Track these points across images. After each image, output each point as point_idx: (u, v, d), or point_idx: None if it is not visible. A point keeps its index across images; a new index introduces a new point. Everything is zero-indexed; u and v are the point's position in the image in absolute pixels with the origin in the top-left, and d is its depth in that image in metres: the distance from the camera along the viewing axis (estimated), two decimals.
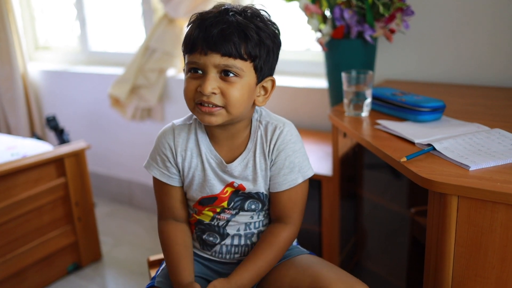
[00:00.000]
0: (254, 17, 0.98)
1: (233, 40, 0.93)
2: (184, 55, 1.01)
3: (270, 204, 1.10)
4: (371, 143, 1.20)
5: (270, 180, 1.07)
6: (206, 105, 0.97)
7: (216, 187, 1.07)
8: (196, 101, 0.98)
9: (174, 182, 1.10)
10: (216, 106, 0.97)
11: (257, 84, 1.01)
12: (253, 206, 1.09)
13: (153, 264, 1.33)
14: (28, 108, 3.24)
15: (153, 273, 1.27)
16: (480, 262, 0.96)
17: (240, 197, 1.08)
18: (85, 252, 2.25)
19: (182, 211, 1.13)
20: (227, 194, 1.08)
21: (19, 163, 1.95)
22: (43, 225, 2.07)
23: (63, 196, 2.13)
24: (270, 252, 1.05)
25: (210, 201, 1.09)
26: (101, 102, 2.90)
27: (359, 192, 1.77)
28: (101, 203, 2.99)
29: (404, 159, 1.05)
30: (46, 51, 3.33)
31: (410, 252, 1.58)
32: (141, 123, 2.78)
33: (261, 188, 1.07)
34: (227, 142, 1.07)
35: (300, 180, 1.06)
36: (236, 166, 1.06)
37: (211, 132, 1.07)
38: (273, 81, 1.05)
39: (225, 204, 1.08)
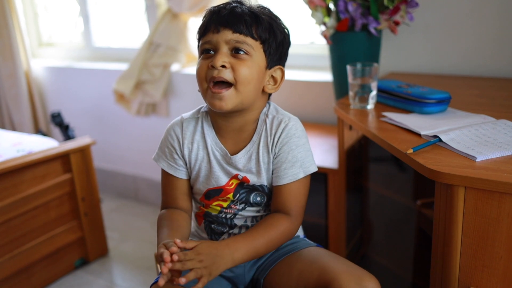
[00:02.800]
0: (267, 11, 1.04)
1: (245, 18, 0.98)
2: (198, 43, 1.05)
3: (272, 197, 1.11)
4: (377, 135, 1.20)
5: (272, 173, 1.08)
6: (217, 82, 0.99)
7: (222, 179, 1.09)
8: (208, 78, 1.00)
9: (181, 174, 1.12)
10: (226, 83, 0.99)
11: (266, 68, 1.04)
12: (258, 199, 1.10)
13: None
14: (32, 105, 3.25)
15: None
16: (487, 253, 0.96)
17: (245, 189, 1.10)
18: (92, 247, 2.26)
19: (186, 203, 1.15)
20: (233, 186, 1.09)
21: (25, 159, 1.95)
22: (50, 220, 2.08)
23: (69, 191, 2.14)
24: (269, 233, 1.03)
25: (216, 193, 1.10)
26: (105, 98, 2.91)
27: (365, 185, 1.77)
28: (107, 198, 3.00)
29: (411, 150, 1.05)
30: (50, 47, 3.34)
31: (417, 244, 1.58)
32: (146, 118, 2.79)
33: (265, 181, 1.09)
34: (233, 135, 1.09)
35: (301, 175, 1.07)
36: (240, 158, 1.07)
37: (217, 124, 1.09)
38: (282, 71, 1.08)
39: (230, 196, 1.10)
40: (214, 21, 1.00)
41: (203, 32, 1.03)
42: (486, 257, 0.97)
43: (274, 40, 1.02)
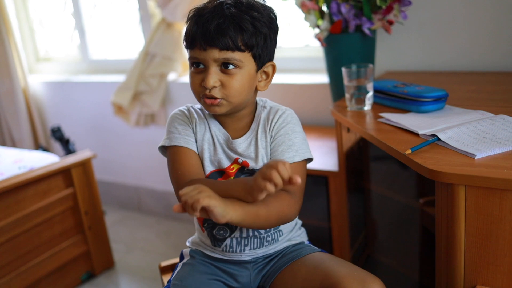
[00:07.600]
0: (248, 7, 1.02)
1: (229, 34, 0.98)
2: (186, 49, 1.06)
3: None
4: (375, 136, 1.20)
5: (270, 158, 1.10)
6: (209, 97, 1.03)
7: (224, 161, 1.11)
8: (201, 95, 1.05)
9: (194, 147, 1.12)
10: (217, 98, 1.03)
11: (257, 71, 1.06)
12: None
13: (164, 270, 1.33)
14: (31, 121, 3.25)
15: (165, 278, 1.28)
16: (492, 250, 0.96)
17: (245, 174, 1.11)
18: (97, 261, 2.26)
19: (201, 170, 1.11)
20: (234, 170, 1.11)
21: (27, 175, 1.95)
22: (54, 236, 2.08)
23: (72, 206, 2.14)
24: (271, 202, 0.98)
25: (219, 175, 1.12)
26: (104, 110, 2.91)
27: (366, 186, 1.76)
28: (110, 210, 3.00)
29: (409, 151, 1.05)
30: (47, 62, 3.34)
31: (421, 242, 1.58)
32: (145, 128, 2.79)
33: (262, 164, 1.10)
34: (233, 126, 1.13)
35: (297, 159, 1.08)
36: (241, 143, 1.11)
37: (217, 116, 1.13)
38: (274, 66, 1.11)
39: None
40: (199, 38, 1.00)
41: (189, 45, 1.03)
42: (491, 255, 0.96)
43: (261, 39, 1.02)
